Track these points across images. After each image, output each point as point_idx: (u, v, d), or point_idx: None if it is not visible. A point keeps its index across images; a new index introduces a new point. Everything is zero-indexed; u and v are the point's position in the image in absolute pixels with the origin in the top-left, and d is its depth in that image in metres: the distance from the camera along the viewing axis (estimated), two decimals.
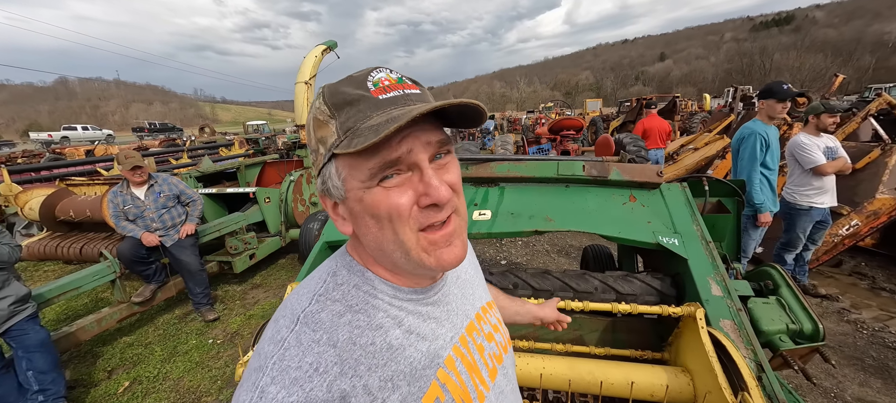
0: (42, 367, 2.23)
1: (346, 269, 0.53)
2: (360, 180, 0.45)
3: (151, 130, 39.69)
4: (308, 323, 0.45)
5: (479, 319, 0.63)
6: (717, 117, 9.95)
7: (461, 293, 0.62)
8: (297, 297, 0.50)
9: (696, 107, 20.09)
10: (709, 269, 1.55)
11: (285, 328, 0.45)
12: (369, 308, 0.49)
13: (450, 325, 0.55)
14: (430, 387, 0.48)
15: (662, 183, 1.86)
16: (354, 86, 0.45)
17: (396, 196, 0.44)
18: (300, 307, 0.47)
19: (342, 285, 0.50)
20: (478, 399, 0.53)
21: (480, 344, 0.59)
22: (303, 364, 0.41)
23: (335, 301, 0.48)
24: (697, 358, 1.32)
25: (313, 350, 0.42)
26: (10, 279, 2.23)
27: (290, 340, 0.43)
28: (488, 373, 0.58)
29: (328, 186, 0.48)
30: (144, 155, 9.01)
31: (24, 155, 14.15)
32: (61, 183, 4.69)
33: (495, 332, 0.65)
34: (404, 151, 0.43)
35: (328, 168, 0.47)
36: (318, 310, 0.46)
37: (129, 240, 3.19)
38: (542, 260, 4.55)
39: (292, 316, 0.46)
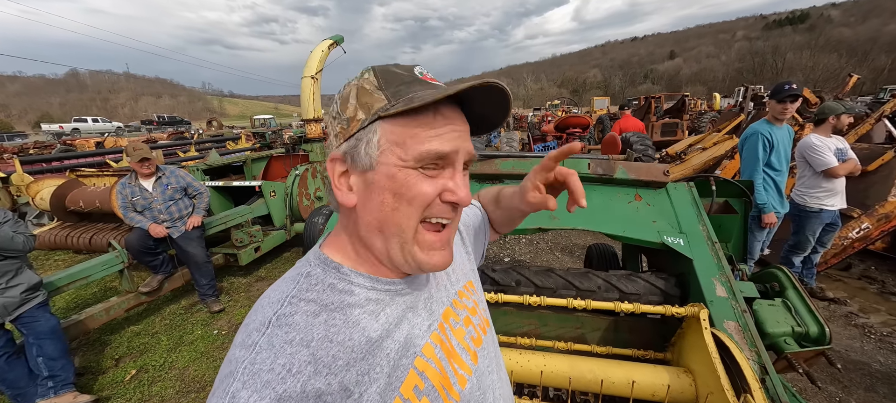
0: (52, 354, 2.28)
1: (320, 268, 0.52)
2: (401, 157, 0.46)
3: (160, 123, 40.13)
4: (281, 325, 0.44)
5: (456, 304, 0.63)
6: (726, 117, 9.81)
7: (436, 283, 0.62)
8: (268, 300, 0.49)
9: (705, 106, 19.83)
10: (714, 270, 1.53)
11: (256, 332, 0.44)
12: (345, 306, 0.48)
13: (427, 313, 0.56)
14: (408, 376, 0.48)
15: (669, 182, 1.84)
16: (404, 70, 0.49)
17: (428, 183, 0.48)
18: (272, 309, 0.46)
19: (316, 285, 0.50)
20: (458, 383, 0.54)
21: (459, 329, 0.60)
22: (275, 367, 0.40)
23: (309, 301, 0.47)
24: (700, 359, 1.31)
25: (285, 352, 0.41)
26: (22, 267, 2.28)
27: (261, 343, 0.42)
28: (470, 356, 0.59)
29: (357, 151, 0.48)
30: (152, 148, 9.13)
31: (36, 146, 14.42)
32: (71, 174, 4.77)
33: (473, 314, 0.65)
34: (452, 149, 0.47)
35: (367, 134, 0.47)
36: (292, 312, 0.45)
37: (137, 231, 3.23)
38: (546, 258, 4.54)
39: (263, 320, 0.45)
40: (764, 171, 2.90)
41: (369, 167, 0.48)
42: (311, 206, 4.90)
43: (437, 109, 0.47)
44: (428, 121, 0.47)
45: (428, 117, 0.47)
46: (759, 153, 2.85)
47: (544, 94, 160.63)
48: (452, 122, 0.48)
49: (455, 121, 0.49)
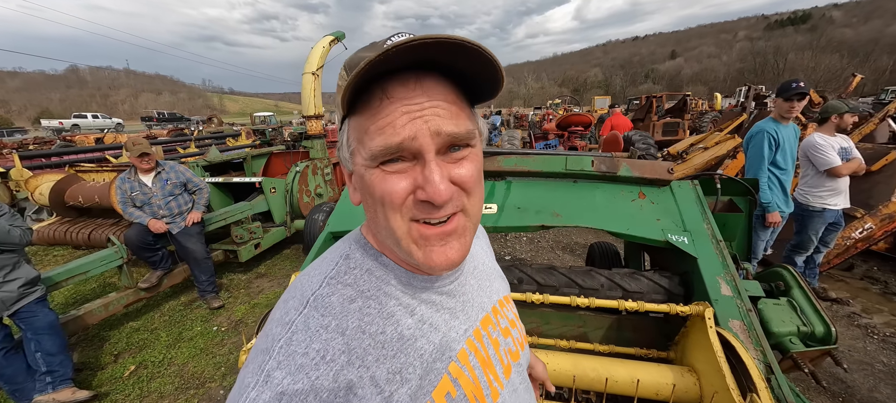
0: (50, 349, 2.27)
1: (360, 252, 0.50)
2: (363, 156, 0.42)
3: (160, 120, 40.08)
4: (318, 307, 0.43)
5: (496, 313, 0.59)
6: (728, 117, 9.79)
7: (478, 285, 0.58)
8: (309, 278, 0.48)
9: (706, 106, 19.80)
10: (719, 268, 1.52)
11: (294, 310, 0.43)
12: (381, 295, 0.47)
13: (464, 317, 0.53)
14: (441, 381, 0.45)
15: (673, 180, 1.83)
16: (370, 49, 0.41)
17: (392, 182, 0.41)
18: (311, 289, 0.45)
19: (355, 268, 0.48)
20: (491, 396, 0.50)
21: (495, 339, 0.56)
22: (309, 351, 0.39)
23: (347, 285, 0.46)
24: (705, 358, 1.29)
25: (321, 337, 0.41)
26: (20, 261, 2.26)
27: (298, 323, 0.42)
28: (503, 370, 0.55)
29: (340, 153, 0.47)
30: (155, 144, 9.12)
31: (36, 142, 14.40)
32: (71, 169, 4.75)
33: (512, 327, 0.62)
34: (407, 136, 0.39)
35: (342, 135, 0.46)
36: (329, 294, 0.45)
37: (136, 226, 3.22)
38: (547, 257, 4.52)
39: (302, 298, 0.45)
40: (769, 170, 2.89)
41: (350, 170, 0.47)
42: (311, 203, 4.88)
43: (384, 91, 0.40)
44: (374, 109, 0.40)
45: (374, 104, 0.40)
46: (765, 152, 2.84)
47: (545, 93, 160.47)
48: (406, 100, 0.39)
49: (412, 98, 0.39)
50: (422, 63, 0.40)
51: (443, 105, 0.41)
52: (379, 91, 0.40)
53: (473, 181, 0.44)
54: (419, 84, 0.40)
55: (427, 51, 0.37)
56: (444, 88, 0.42)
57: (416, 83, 0.40)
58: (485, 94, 0.46)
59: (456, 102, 0.42)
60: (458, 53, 0.38)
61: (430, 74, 0.41)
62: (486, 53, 0.38)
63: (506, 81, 0.43)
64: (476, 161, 0.45)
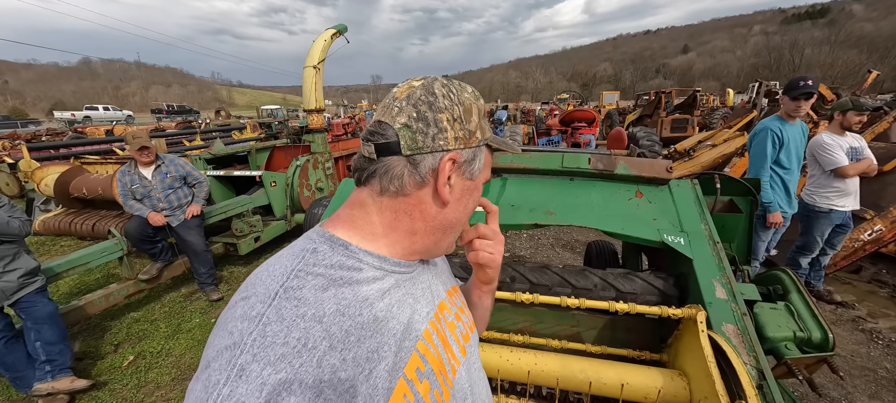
0: (50, 338, 2.30)
1: (326, 244, 0.52)
2: (483, 179, 0.60)
3: (169, 112, 40.53)
4: (289, 298, 0.43)
5: (450, 297, 0.67)
6: (738, 113, 9.59)
7: (434, 273, 0.66)
8: (269, 273, 0.47)
9: (718, 102, 19.42)
10: (714, 270, 1.48)
11: (260, 304, 0.42)
12: (354, 282, 0.49)
13: (426, 301, 0.58)
14: (411, 357, 0.50)
15: (672, 179, 1.78)
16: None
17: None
18: (277, 282, 0.45)
19: (323, 260, 0.50)
20: (451, 371, 0.57)
21: (451, 322, 0.63)
22: (289, 340, 0.39)
23: (317, 275, 0.47)
24: (696, 362, 1.26)
25: (299, 325, 0.41)
26: (20, 252, 2.29)
27: (269, 315, 0.41)
28: (459, 349, 0.61)
29: (473, 161, 0.57)
30: (160, 136, 9.19)
31: (49, 133, 14.67)
32: (76, 161, 4.81)
33: (462, 313, 0.69)
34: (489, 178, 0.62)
35: (479, 151, 0.58)
36: (300, 286, 0.45)
37: (136, 219, 3.25)
38: (546, 254, 4.48)
39: (267, 292, 0.44)
40: (772, 169, 2.81)
41: (471, 177, 0.57)
42: (311, 197, 4.89)
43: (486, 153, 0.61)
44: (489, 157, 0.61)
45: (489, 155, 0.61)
46: (768, 150, 2.76)
47: (553, 87, 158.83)
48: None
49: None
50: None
51: None
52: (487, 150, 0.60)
53: None
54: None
55: None
56: None
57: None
58: None
59: None
60: None
61: None
62: None
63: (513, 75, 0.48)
64: None
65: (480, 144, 0.57)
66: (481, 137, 0.57)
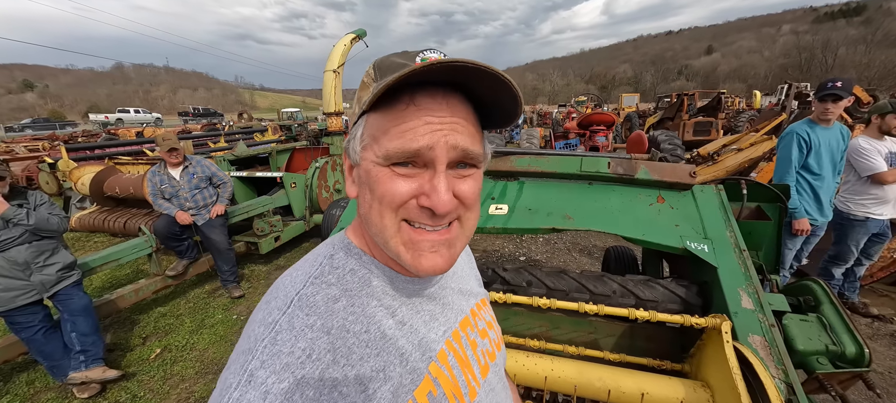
0: (84, 330, 2.43)
1: (343, 251, 0.52)
2: (375, 154, 0.44)
3: (195, 115, 42.12)
4: (302, 306, 0.43)
5: (474, 315, 0.62)
6: (766, 116, 9.23)
7: (457, 289, 0.61)
8: (291, 278, 0.48)
9: (744, 105, 18.75)
10: (740, 279, 1.43)
11: (277, 310, 0.43)
12: (364, 295, 0.48)
13: (444, 319, 0.55)
14: (423, 381, 0.47)
15: (695, 184, 1.73)
16: (403, 57, 0.46)
17: (398, 183, 0.44)
18: (294, 289, 0.46)
19: (338, 268, 0.49)
20: (469, 395, 0.52)
21: (473, 340, 0.59)
22: (295, 350, 0.40)
23: (331, 285, 0.47)
24: (720, 374, 1.22)
25: (306, 336, 0.41)
26: (58, 247, 2.43)
27: (282, 323, 0.42)
28: (480, 370, 0.57)
29: (349, 146, 0.49)
30: (186, 138, 9.55)
31: (84, 134, 15.48)
32: (110, 161, 5.06)
33: (489, 329, 0.64)
34: (425, 144, 0.42)
35: (357, 128, 0.47)
36: (314, 293, 0.45)
37: (164, 217, 3.39)
38: (563, 259, 4.42)
39: (285, 298, 0.45)
40: (799, 174, 2.71)
41: (356, 163, 0.48)
42: (329, 198, 4.98)
43: (412, 98, 0.42)
44: (398, 113, 0.43)
45: (399, 108, 0.43)
46: (793, 155, 2.67)
47: (571, 90, 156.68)
48: (431, 112, 0.42)
49: (436, 111, 0.42)
50: (452, 81, 0.43)
51: (462, 123, 0.44)
52: (407, 98, 0.42)
53: (473, 198, 0.47)
54: (446, 100, 0.43)
55: (464, 73, 0.40)
56: (465, 108, 0.45)
57: (443, 98, 0.43)
58: (498, 122, 0.50)
59: (474, 123, 0.46)
60: (488, 82, 0.42)
61: (456, 94, 0.44)
62: (514, 89, 0.42)
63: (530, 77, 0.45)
64: (479, 181, 0.48)
65: (356, 119, 0.48)
66: (357, 111, 0.48)
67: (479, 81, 0.42)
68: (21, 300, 2.21)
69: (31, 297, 2.25)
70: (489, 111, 0.48)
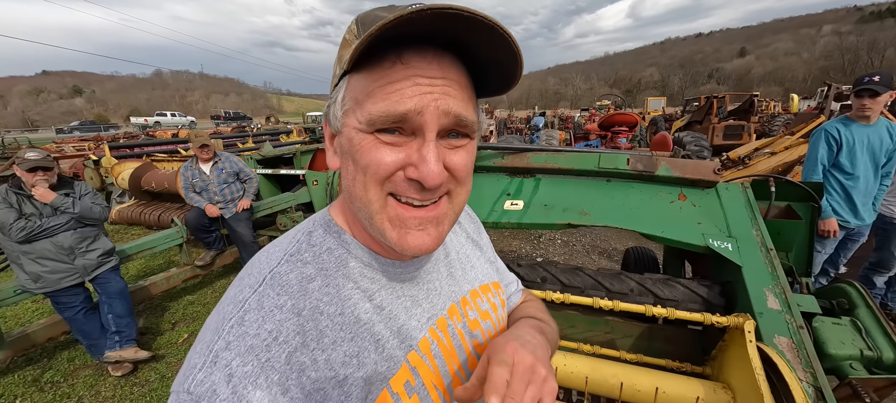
0: (119, 312, 2.59)
1: (323, 229, 0.49)
2: (358, 119, 0.39)
3: (226, 118, 44.16)
4: (274, 285, 0.41)
5: (465, 303, 0.57)
6: (802, 119, 8.73)
7: (448, 273, 0.57)
8: (267, 255, 0.46)
9: (779, 108, 17.82)
10: (766, 279, 1.37)
11: (248, 288, 0.41)
12: (340, 276, 0.45)
13: (428, 305, 0.51)
14: (400, 370, 0.45)
15: (720, 182, 1.68)
16: (389, 10, 0.37)
17: (383, 152, 0.39)
18: (268, 266, 0.43)
19: (315, 246, 0.46)
20: (453, 386, 0.49)
21: (461, 330, 0.54)
22: (261, 332, 0.37)
23: (306, 263, 0.44)
24: (742, 375, 1.18)
25: (274, 317, 0.39)
26: (99, 234, 2.61)
27: (251, 302, 0.40)
28: (468, 360, 0.53)
29: (329, 112, 0.44)
30: (217, 139, 9.99)
31: (125, 136, 16.48)
32: (147, 158, 5.37)
33: (484, 319, 0.58)
34: (413, 108, 0.37)
35: (337, 91, 0.43)
36: (287, 271, 0.43)
37: (195, 210, 3.58)
38: (581, 261, 4.33)
39: (258, 276, 0.42)
40: (830, 173, 2.56)
41: (337, 130, 0.43)
42: None
43: (400, 56, 0.37)
44: (384, 72, 0.38)
45: (385, 67, 0.38)
46: (820, 152, 2.53)
47: (594, 94, 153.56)
48: (421, 71, 0.37)
49: (426, 70, 0.38)
50: (442, 38, 0.38)
51: (456, 86, 0.39)
52: (393, 54, 0.37)
53: (466, 171, 0.43)
54: (437, 59, 0.38)
55: (455, 24, 0.35)
56: (459, 70, 0.40)
57: (434, 57, 0.38)
58: (495, 86, 0.44)
59: (467, 87, 0.41)
60: (486, 36, 0.37)
61: (448, 53, 0.39)
62: (515, 44, 0.37)
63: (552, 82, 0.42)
64: (472, 153, 0.44)
65: (336, 82, 0.43)
66: (338, 72, 0.42)
67: (476, 36, 0.37)
68: (66, 282, 2.38)
69: (74, 279, 2.42)
70: (486, 75, 0.43)
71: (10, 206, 2.19)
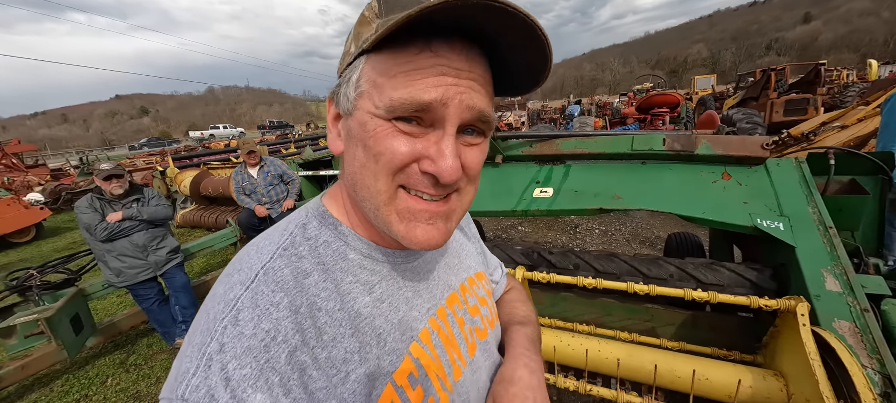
0: (185, 304, 2.91)
1: (317, 220, 0.46)
2: (375, 103, 0.38)
3: (271, 127, 47.18)
4: (268, 282, 0.38)
5: (464, 290, 0.58)
6: (881, 87, 7.68)
7: (445, 262, 0.56)
8: (257, 249, 0.43)
9: (853, 77, 15.80)
10: (824, 259, 1.26)
11: (239, 285, 0.38)
12: (338, 270, 0.43)
13: (428, 295, 0.51)
14: (403, 363, 0.43)
15: (769, 158, 1.56)
16: None
17: (400, 141, 0.38)
18: (260, 261, 0.40)
19: (311, 239, 0.44)
20: (454, 375, 0.49)
21: (461, 318, 0.54)
22: (258, 331, 0.35)
23: (301, 258, 0.42)
24: (795, 361, 1.10)
25: (271, 315, 0.36)
26: (167, 234, 2.93)
27: (244, 300, 0.37)
28: (467, 348, 0.53)
29: (340, 92, 0.42)
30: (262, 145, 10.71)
31: (185, 149, 18.17)
32: (204, 167, 5.90)
33: (482, 305, 0.60)
34: (437, 98, 0.36)
35: (351, 71, 0.40)
36: (282, 266, 0.40)
37: (245, 211, 3.92)
38: (621, 250, 4.16)
39: (249, 271, 0.40)
40: None
41: (348, 112, 0.41)
42: None
43: (428, 43, 0.36)
44: (410, 57, 0.36)
45: (411, 52, 0.36)
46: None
47: (634, 77, 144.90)
48: (448, 62, 0.36)
49: (454, 62, 0.37)
50: (471, 31, 0.37)
51: (481, 81, 0.39)
52: (421, 41, 0.36)
53: (477, 170, 0.43)
54: (465, 51, 0.37)
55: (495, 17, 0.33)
56: (484, 66, 0.40)
57: (462, 48, 0.37)
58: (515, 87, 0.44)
59: (489, 84, 0.41)
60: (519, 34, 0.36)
61: (475, 47, 0.38)
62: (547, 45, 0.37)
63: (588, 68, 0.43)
64: (484, 152, 0.43)
65: (351, 60, 0.40)
66: (353, 50, 0.40)
67: (510, 34, 0.36)
68: (141, 276, 2.71)
69: (148, 274, 2.74)
70: (508, 75, 0.42)
71: (95, 210, 2.55)
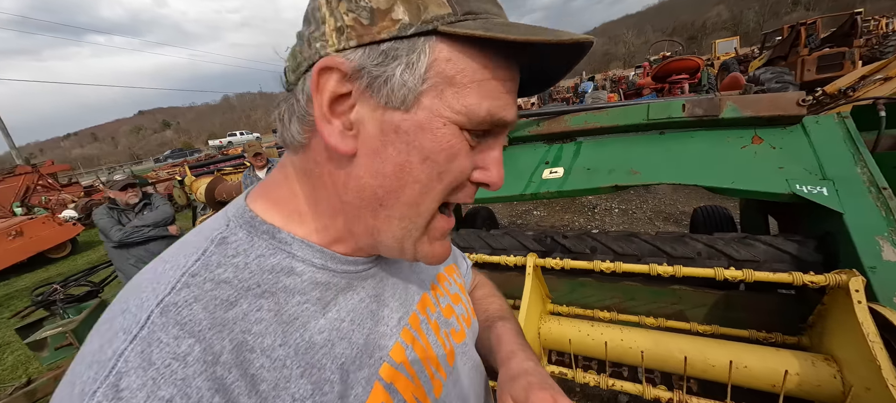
0: None
1: (243, 231, 0.35)
2: (452, 107, 0.31)
3: None
4: (168, 325, 0.27)
5: (435, 290, 0.51)
6: None
7: (409, 263, 0.49)
8: (152, 278, 0.31)
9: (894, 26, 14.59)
10: (880, 225, 1.11)
11: (122, 335, 0.27)
12: (279, 291, 0.33)
13: (397, 303, 0.44)
14: (373, 391, 0.36)
15: (806, 116, 1.39)
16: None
17: (469, 159, 0.35)
18: (155, 295, 0.29)
19: (236, 256, 0.33)
20: (434, 392, 0.43)
21: (436, 322, 0.48)
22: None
23: (221, 283, 0.31)
24: (850, 343, 0.97)
25: (174, 376, 0.26)
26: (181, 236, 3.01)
27: (129, 357, 0.26)
28: (446, 356, 0.47)
29: (385, 72, 0.30)
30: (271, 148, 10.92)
31: (206, 157, 18.87)
32: (217, 173, 6.03)
33: (455, 303, 0.54)
34: (512, 118, 0.35)
35: (408, 49, 0.30)
36: (189, 300, 0.29)
37: None
38: (643, 229, 3.97)
39: (137, 311, 0.28)
40: None
41: (401, 104, 0.31)
42: None
43: (506, 55, 0.33)
44: (492, 65, 0.32)
45: (500, 66, 0.33)
46: None
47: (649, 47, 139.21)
48: (513, 78, 0.35)
49: (516, 77, 0.36)
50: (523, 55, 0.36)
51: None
52: (502, 54, 0.33)
53: None
54: (517, 71, 0.36)
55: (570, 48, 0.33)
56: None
57: (516, 69, 0.36)
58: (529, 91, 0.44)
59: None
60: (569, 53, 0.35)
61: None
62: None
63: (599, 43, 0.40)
64: None
65: (408, 33, 0.30)
66: (411, 21, 0.30)
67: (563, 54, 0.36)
68: None
69: None
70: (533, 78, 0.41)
71: (111, 217, 2.71)
